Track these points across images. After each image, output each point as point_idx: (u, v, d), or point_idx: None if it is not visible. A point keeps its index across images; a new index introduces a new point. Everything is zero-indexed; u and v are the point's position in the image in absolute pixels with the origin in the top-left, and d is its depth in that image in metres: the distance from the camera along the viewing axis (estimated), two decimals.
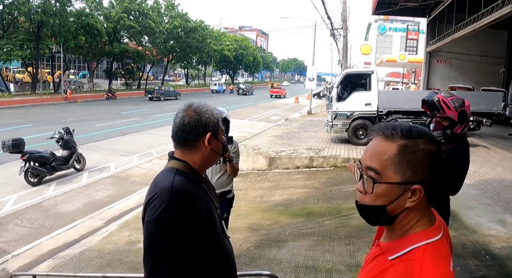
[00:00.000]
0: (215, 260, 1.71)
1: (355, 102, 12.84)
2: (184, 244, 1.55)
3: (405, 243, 1.05)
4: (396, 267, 1.03)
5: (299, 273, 4.72)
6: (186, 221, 1.54)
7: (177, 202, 1.53)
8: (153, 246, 1.53)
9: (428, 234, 1.06)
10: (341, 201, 7.68)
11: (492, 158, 10.21)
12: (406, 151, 1.03)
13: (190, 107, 1.71)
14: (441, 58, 22.16)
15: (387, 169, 1.04)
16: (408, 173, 1.03)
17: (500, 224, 5.70)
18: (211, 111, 1.73)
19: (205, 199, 1.68)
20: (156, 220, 1.52)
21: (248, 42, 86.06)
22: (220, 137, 1.79)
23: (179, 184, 1.58)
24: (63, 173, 10.77)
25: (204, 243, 1.64)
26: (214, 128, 1.72)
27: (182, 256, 1.55)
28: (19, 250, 6.57)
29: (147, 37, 48.30)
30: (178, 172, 1.65)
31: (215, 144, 1.75)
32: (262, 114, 28.79)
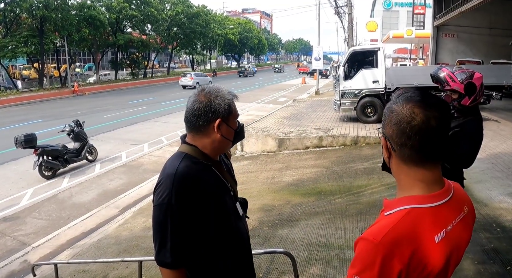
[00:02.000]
0: (224, 241, 1.74)
1: (362, 80, 12.71)
2: (187, 227, 1.61)
3: (398, 203, 1.14)
4: (381, 221, 1.14)
5: (312, 251, 4.79)
6: (188, 206, 1.59)
7: (180, 189, 1.58)
8: (159, 229, 1.62)
9: (419, 200, 1.12)
10: (352, 179, 7.70)
11: (503, 131, 10.10)
12: (386, 108, 1.20)
13: (202, 92, 1.70)
14: (449, 32, 21.68)
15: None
16: (383, 125, 1.20)
17: (510, 197, 5.68)
18: (222, 96, 1.69)
19: (213, 183, 1.70)
20: (161, 206, 1.59)
21: (252, 25, 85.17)
22: (232, 123, 1.75)
23: (183, 170, 1.61)
24: (76, 165, 10.95)
25: (211, 225, 1.67)
26: (224, 114, 1.69)
27: (186, 239, 1.63)
28: (39, 241, 6.76)
29: (150, 25, 48.00)
30: (186, 157, 1.67)
31: (226, 130, 1.72)
32: (269, 96, 28.69)
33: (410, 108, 1.10)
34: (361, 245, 1.09)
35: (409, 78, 12.50)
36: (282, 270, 4.33)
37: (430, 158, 1.13)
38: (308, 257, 4.62)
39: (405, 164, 1.15)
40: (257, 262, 4.55)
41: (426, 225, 1.09)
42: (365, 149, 10.03)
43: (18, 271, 5.89)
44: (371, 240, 1.06)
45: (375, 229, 1.09)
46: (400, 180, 1.19)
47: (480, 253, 4.10)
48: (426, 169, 1.14)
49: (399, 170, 1.18)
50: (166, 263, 1.63)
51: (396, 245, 1.04)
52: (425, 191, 1.14)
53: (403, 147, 1.12)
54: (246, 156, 11.16)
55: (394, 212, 1.12)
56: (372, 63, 12.76)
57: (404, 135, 1.10)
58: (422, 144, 1.10)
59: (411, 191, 1.15)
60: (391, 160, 1.20)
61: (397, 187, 1.22)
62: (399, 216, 1.09)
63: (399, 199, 1.16)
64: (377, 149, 9.64)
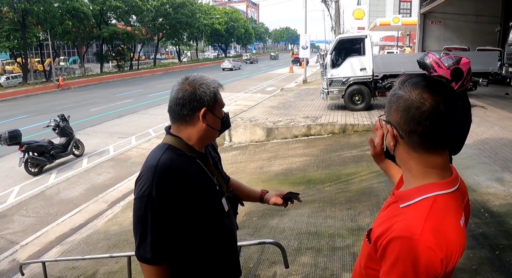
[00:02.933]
0: (207, 237, 1.69)
1: (350, 67, 12.69)
2: (167, 221, 1.56)
3: (416, 193, 1.11)
4: (405, 214, 1.09)
5: (302, 240, 4.79)
6: (168, 200, 1.54)
7: (160, 181, 1.52)
8: (139, 223, 1.56)
9: (440, 187, 1.11)
10: (340, 167, 7.72)
11: (489, 117, 10.18)
12: (390, 94, 1.16)
13: (186, 80, 1.64)
14: (435, 19, 21.73)
15: (385, 109, 1.20)
16: (387, 113, 1.17)
17: (498, 182, 5.73)
18: (207, 84, 1.63)
19: (197, 176, 1.65)
20: (141, 198, 1.54)
21: (239, 14, 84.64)
22: (218, 112, 1.69)
23: (165, 162, 1.55)
24: (62, 160, 10.81)
25: (193, 220, 1.63)
26: (210, 102, 1.63)
27: (166, 232, 1.58)
28: (27, 239, 6.69)
29: (135, 17, 47.44)
30: (169, 148, 1.62)
31: (212, 119, 1.66)
32: (257, 86, 28.60)
33: (419, 94, 1.08)
34: (398, 245, 1.03)
35: (396, 66, 12.51)
36: (273, 260, 4.33)
37: (440, 144, 1.11)
38: (298, 246, 4.63)
39: (415, 151, 1.13)
40: (248, 253, 4.55)
41: (452, 211, 1.09)
42: (354, 136, 10.05)
43: (7, 270, 5.82)
44: (410, 237, 1.02)
45: (408, 226, 1.04)
46: (411, 168, 1.16)
47: (469, 239, 4.13)
48: (437, 155, 1.13)
49: (408, 157, 1.15)
50: (146, 259, 1.57)
51: (435, 236, 1.02)
52: (441, 178, 1.13)
53: (412, 134, 1.10)
54: (234, 146, 11.12)
55: (416, 202, 1.10)
56: (359, 50, 12.73)
57: (414, 121, 1.08)
58: (432, 129, 1.08)
59: (427, 178, 1.13)
60: (397, 148, 1.17)
61: (405, 176, 1.20)
62: (427, 206, 1.07)
63: (417, 189, 1.12)
64: (365, 137, 9.67)
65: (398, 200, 1.16)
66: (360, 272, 1.29)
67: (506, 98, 13.58)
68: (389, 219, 1.13)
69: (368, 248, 1.19)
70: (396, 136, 1.14)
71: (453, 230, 1.06)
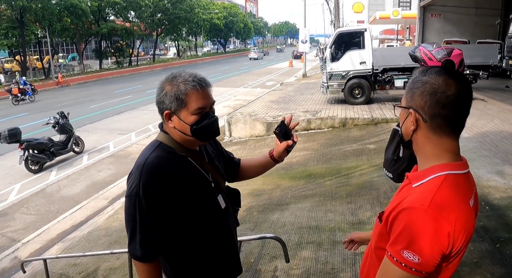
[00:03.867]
0: (201, 236, 1.67)
1: (349, 61, 12.63)
2: (157, 221, 1.55)
3: (428, 173, 1.17)
4: (416, 190, 1.15)
5: (303, 234, 4.79)
6: (157, 199, 1.53)
7: (146, 181, 1.51)
8: (129, 221, 1.56)
9: (451, 167, 1.17)
10: (341, 161, 7.71)
11: (490, 110, 10.14)
12: (412, 81, 1.22)
13: (167, 77, 1.61)
14: (435, 12, 21.58)
15: (403, 97, 1.25)
16: (408, 99, 1.21)
17: (498, 175, 5.71)
18: (177, 85, 1.54)
19: (188, 175, 1.62)
20: (130, 197, 1.54)
21: (237, 9, 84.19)
22: (185, 116, 1.56)
23: (152, 161, 1.54)
24: (63, 158, 10.81)
25: (184, 219, 1.62)
26: (175, 104, 1.54)
27: (157, 232, 1.57)
28: (28, 237, 6.70)
29: (133, 12, 47.09)
30: (160, 146, 1.61)
31: (178, 123, 1.58)
32: (257, 81, 28.54)
33: (445, 80, 1.14)
34: (406, 215, 1.08)
35: (396, 59, 12.47)
36: (274, 255, 4.33)
37: (458, 128, 1.19)
38: (299, 240, 4.63)
39: (435, 135, 1.18)
40: (249, 248, 4.55)
41: (462, 190, 1.14)
42: (354, 130, 10.03)
43: (9, 268, 5.84)
44: (418, 207, 1.07)
45: (418, 197, 1.10)
46: (426, 152, 1.21)
47: None
48: (452, 140, 1.19)
49: (426, 141, 1.20)
50: (136, 256, 1.58)
51: (443, 209, 1.06)
52: (453, 160, 1.19)
53: (435, 117, 1.15)
54: (234, 141, 11.11)
55: (428, 180, 1.15)
56: (359, 44, 12.68)
57: (439, 104, 1.14)
58: (454, 113, 1.15)
59: (439, 160, 1.19)
60: (416, 133, 1.21)
61: (419, 160, 1.25)
62: (438, 182, 1.12)
63: (429, 169, 1.18)
64: (365, 131, 9.66)
65: (412, 181, 1.21)
66: (371, 255, 1.34)
67: (506, 91, 13.53)
68: (401, 198, 1.18)
69: (380, 227, 1.24)
70: (418, 120, 1.18)
71: (461, 208, 1.10)
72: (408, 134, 1.24)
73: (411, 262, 1.06)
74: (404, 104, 1.23)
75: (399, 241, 1.08)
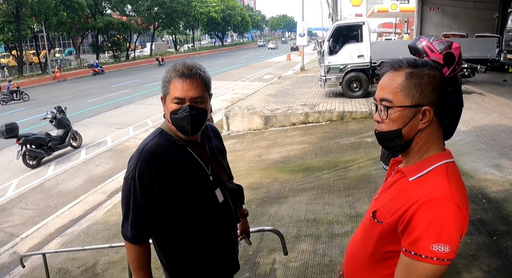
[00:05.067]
0: (197, 226, 1.68)
1: (347, 54, 12.61)
2: (148, 206, 1.59)
3: (426, 164, 1.16)
4: (423, 182, 1.13)
5: (301, 227, 4.81)
6: (150, 184, 1.56)
7: (142, 166, 1.56)
8: (124, 203, 1.62)
9: (446, 156, 1.18)
10: (338, 154, 7.72)
11: (487, 104, 10.14)
12: (413, 76, 1.14)
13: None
14: (433, 5, 21.52)
15: (398, 94, 1.15)
16: (416, 96, 1.14)
17: (496, 169, 5.72)
18: (169, 71, 1.62)
19: (185, 164, 1.64)
20: (126, 179, 1.60)
21: (235, 2, 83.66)
22: (168, 103, 1.61)
23: (150, 147, 1.60)
24: (60, 152, 10.80)
25: (177, 209, 1.64)
26: (163, 90, 1.64)
27: (148, 216, 1.61)
28: (27, 232, 6.71)
29: (130, 6, 46.85)
30: (162, 133, 1.67)
31: (165, 110, 1.64)
32: (254, 74, 28.47)
33: (437, 69, 1.17)
34: (430, 208, 1.05)
35: (394, 52, 12.38)
36: (272, 248, 4.35)
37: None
38: (297, 233, 4.65)
39: (439, 127, 1.19)
40: None
41: (460, 176, 1.17)
42: (352, 124, 10.04)
43: (8, 263, 5.85)
44: (441, 197, 1.06)
45: (434, 188, 1.09)
46: (423, 144, 1.19)
47: None
48: (441, 129, 1.21)
49: (431, 135, 1.18)
50: (127, 237, 1.63)
51: (460, 194, 1.08)
52: (442, 149, 1.20)
53: (442, 109, 1.17)
54: (232, 134, 11.11)
55: (431, 170, 1.14)
56: (357, 37, 12.67)
57: (445, 95, 1.16)
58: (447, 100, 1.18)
59: (430, 151, 1.19)
60: (424, 130, 1.16)
61: (407, 153, 1.22)
62: (443, 171, 1.13)
63: (425, 160, 1.17)
64: (363, 124, 9.67)
65: (407, 174, 1.18)
66: (368, 260, 1.26)
67: (504, 85, 13.53)
68: (400, 193, 1.16)
69: (380, 228, 1.19)
70: (430, 116, 1.15)
71: (465, 193, 1.13)
72: (412, 134, 1.17)
73: (443, 254, 1.04)
74: (408, 102, 1.14)
75: (425, 236, 1.04)
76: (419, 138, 1.18)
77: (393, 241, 1.15)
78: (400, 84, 1.15)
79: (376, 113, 1.24)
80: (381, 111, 1.19)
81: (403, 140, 1.18)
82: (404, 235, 1.10)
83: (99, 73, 34.90)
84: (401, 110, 1.15)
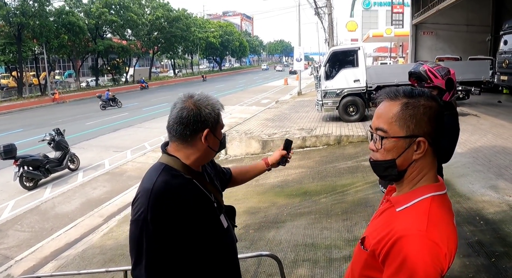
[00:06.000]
0: (206, 255, 1.67)
1: (343, 79, 12.82)
2: (163, 245, 1.54)
3: (413, 195, 1.16)
4: (405, 215, 1.13)
5: (299, 252, 4.79)
6: (164, 224, 1.51)
7: (155, 205, 1.50)
8: (135, 245, 1.54)
9: (435, 188, 1.16)
10: (336, 178, 7.75)
11: (483, 125, 10.26)
12: (408, 107, 1.14)
13: (191, 99, 1.60)
14: (427, 30, 22.05)
15: (393, 125, 1.15)
16: (411, 127, 1.14)
17: (492, 190, 5.76)
18: (212, 105, 1.62)
19: (195, 197, 1.63)
20: (137, 222, 1.52)
21: (233, 27, 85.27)
22: (219, 133, 1.69)
23: (161, 185, 1.53)
24: (58, 175, 10.76)
25: (189, 241, 1.61)
26: (213, 124, 1.62)
27: (162, 256, 1.55)
28: (22, 254, 6.61)
29: (130, 31, 47.67)
30: (165, 169, 1.59)
31: (213, 140, 1.65)
32: (252, 99, 28.72)
33: (434, 99, 1.17)
34: (404, 244, 1.04)
35: (389, 77, 12.64)
36: (270, 273, 4.32)
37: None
38: (295, 258, 4.63)
39: (434, 157, 1.19)
40: (245, 266, 4.53)
41: (447, 210, 1.15)
42: (349, 147, 10.10)
43: None
44: (416, 234, 1.04)
45: (412, 223, 1.08)
46: (415, 175, 1.18)
47: (465, 246, 4.15)
48: (436, 159, 1.20)
49: (424, 165, 1.17)
50: None
51: (438, 231, 1.06)
52: (434, 181, 1.18)
53: (438, 140, 1.16)
54: (230, 159, 11.14)
55: (415, 203, 1.14)
56: (352, 62, 12.88)
57: (441, 126, 1.16)
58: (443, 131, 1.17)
59: (422, 182, 1.18)
60: (419, 160, 1.16)
61: (400, 182, 1.22)
62: (427, 205, 1.12)
63: (414, 191, 1.17)
64: (360, 148, 9.73)
65: (395, 204, 1.19)
66: None
67: (498, 106, 13.71)
68: (386, 223, 1.16)
69: (365, 255, 1.19)
70: (425, 147, 1.14)
71: (450, 228, 1.11)
72: (406, 164, 1.17)
73: None
74: (403, 133, 1.14)
75: (400, 274, 1.03)
76: (413, 168, 1.17)
77: (376, 268, 1.14)
78: (395, 114, 1.15)
79: (371, 141, 1.24)
80: (376, 140, 1.20)
81: (396, 170, 1.17)
82: (384, 267, 1.09)
83: (145, 88, 41.45)
84: (395, 140, 1.15)
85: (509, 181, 5.98)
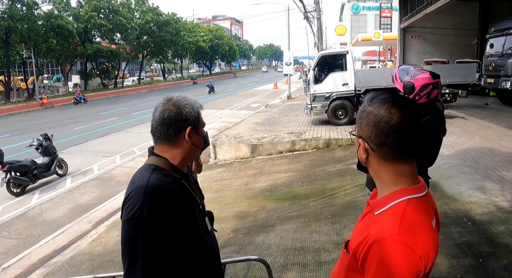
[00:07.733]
0: (195, 256, 1.69)
1: (332, 83, 12.91)
2: (159, 243, 1.53)
3: (389, 199, 1.19)
4: (380, 219, 1.16)
5: (288, 256, 4.81)
6: (160, 221, 1.52)
7: (151, 202, 1.51)
8: (129, 246, 1.52)
9: (412, 191, 1.19)
10: (325, 182, 7.79)
11: (470, 127, 10.40)
12: (363, 111, 1.24)
13: (170, 101, 1.66)
14: (415, 33, 22.31)
15: (356, 125, 1.28)
16: (358, 128, 1.25)
17: (479, 191, 5.84)
18: (191, 104, 1.69)
19: (184, 197, 1.66)
20: (131, 220, 1.51)
21: (223, 32, 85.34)
22: (201, 131, 1.75)
23: (154, 182, 1.54)
24: (46, 180, 10.65)
25: (182, 240, 1.62)
26: (194, 122, 1.69)
27: (158, 255, 1.54)
28: (9, 262, 6.52)
29: (119, 35, 47.40)
30: (155, 169, 1.61)
31: (196, 138, 1.72)
32: (242, 103, 28.74)
33: (387, 109, 1.17)
34: (377, 248, 1.07)
35: (378, 80, 12.77)
36: (259, 277, 4.33)
37: (408, 153, 1.19)
38: (284, 262, 4.64)
39: (386, 162, 1.20)
40: (234, 270, 4.54)
41: (424, 213, 1.17)
42: (338, 151, 10.16)
43: None
44: (388, 237, 1.07)
45: (385, 227, 1.10)
46: (382, 177, 1.23)
47: (453, 247, 4.21)
48: (406, 164, 1.21)
49: (380, 168, 1.22)
50: None
51: (412, 234, 1.08)
52: (411, 184, 1.20)
53: (382, 146, 1.18)
54: (219, 163, 11.13)
55: (391, 207, 1.17)
56: (341, 66, 12.98)
57: (384, 134, 1.16)
58: (401, 141, 1.16)
59: (397, 185, 1.20)
60: (369, 160, 1.24)
61: (378, 185, 1.28)
62: (401, 208, 1.14)
63: (390, 195, 1.20)
64: (349, 151, 9.79)
65: (373, 208, 1.23)
66: None
67: (485, 108, 13.92)
68: (365, 227, 1.19)
69: (348, 258, 1.23)
70: (367, 149, 1.22)
71: (427, 230, 1.13)
72: (362, 161, 1.27)
73: None
74: (356, 132, 1.28)
75: (377, 276, 1.07)
76: (371, 168, 1.26)
77: (358, 271, 1.17)
78: (357, 116, 1.29)
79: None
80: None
81: (360, 162, 1.30)
82: (364, 271, 1.13)
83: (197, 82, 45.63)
84: (355, 137, 1.29)
85: (496, 182, 6.08)
